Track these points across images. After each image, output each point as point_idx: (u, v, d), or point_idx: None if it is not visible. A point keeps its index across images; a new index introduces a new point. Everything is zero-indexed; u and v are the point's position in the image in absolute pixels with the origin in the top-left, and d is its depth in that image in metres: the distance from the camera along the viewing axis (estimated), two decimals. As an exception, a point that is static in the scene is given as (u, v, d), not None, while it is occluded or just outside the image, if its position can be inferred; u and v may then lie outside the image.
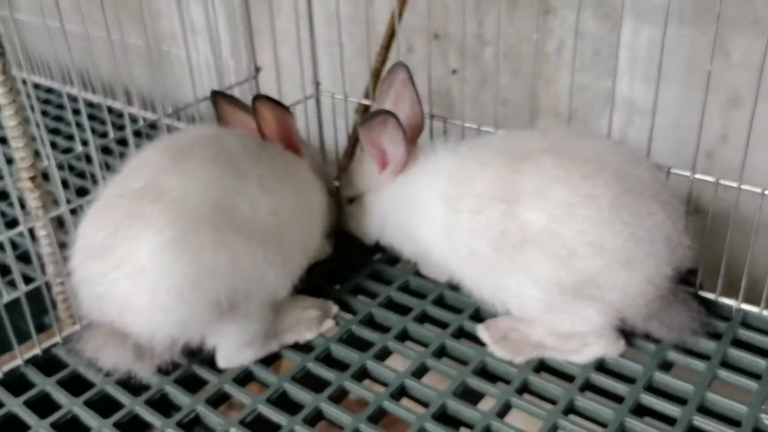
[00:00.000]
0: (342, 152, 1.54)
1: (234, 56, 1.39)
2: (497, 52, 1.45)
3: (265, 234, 1.01)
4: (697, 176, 1.10)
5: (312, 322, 1.14)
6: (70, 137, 1.81)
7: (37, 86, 2.13)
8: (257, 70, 1.38)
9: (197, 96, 1.30)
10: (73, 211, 1.11)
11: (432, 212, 1.12)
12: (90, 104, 1.93)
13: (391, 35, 1.51)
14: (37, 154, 1.05)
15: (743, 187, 1.06)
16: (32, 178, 1.06)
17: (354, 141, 1.56)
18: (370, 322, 1.18)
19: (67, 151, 1.77)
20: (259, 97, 1.14)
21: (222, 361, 1.07)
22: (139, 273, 0.93)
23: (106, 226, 0.95)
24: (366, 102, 1.43)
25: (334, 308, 1.19)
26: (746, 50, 1.23)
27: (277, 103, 1.16)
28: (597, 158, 1.01)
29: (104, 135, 1.17)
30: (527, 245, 1.00)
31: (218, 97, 1.22)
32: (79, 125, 1.15)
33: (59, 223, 1.11)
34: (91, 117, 1.81)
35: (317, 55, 1.44)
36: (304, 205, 1.13)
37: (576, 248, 0.97)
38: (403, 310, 1.19)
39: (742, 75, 1.25)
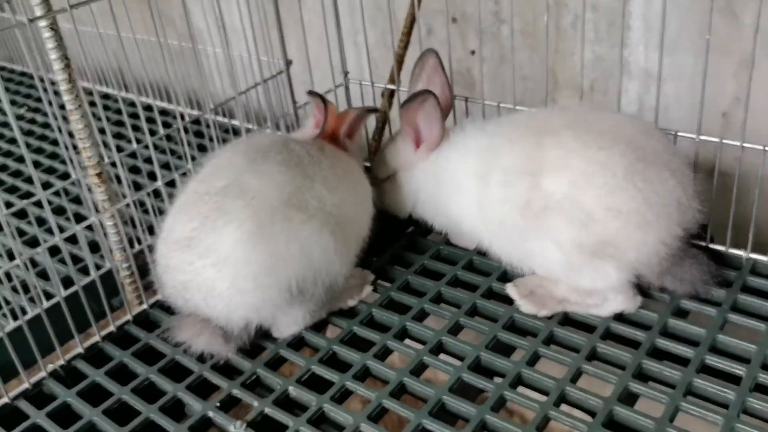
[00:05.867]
0: (371, 135, 1.64)
1: (264, 51, 1.48)
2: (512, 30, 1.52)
3: (332, 226, 1.13)
4: (702, 137, 1.18)
5: (354, 290, 1.26)
6: (119, 136, 1.93)
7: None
8: (288, 63, 1.48)
9: (237, 90, 1.41)
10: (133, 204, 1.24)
11: (464, 186, 1.22)
12: (131, 104, 2.04)
13: (411, 21, 1.60)
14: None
15: (746, 145, 1.14)
16: (98, 175, 1.18)
17: (382, 124, 1.66)
18: (407, 288, 1.29)
19: (119, 149, 1.87)
20: (321, 98, 1.26)
21: (277, 333, 1.19)
22: (222, 261, 1.06)
23: (193, 219, 1.08)
24: (391, 87, 1.52)
25: (371, 276, 1.30)
26: (756, 13, 1.27)
27: (325, 102, 1.27)
28: (612, 131, 1.10)
29: (152, 132, 1.29)
30: (550, 212, 1.10)
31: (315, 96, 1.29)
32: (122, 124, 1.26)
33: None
34: (134, 116, 1.93)
35: (344, 46, 1.53)
36: (359, 198, 1.25)
37: (594, 212, 1.07)
38: (436, 275, 1.30)
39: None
